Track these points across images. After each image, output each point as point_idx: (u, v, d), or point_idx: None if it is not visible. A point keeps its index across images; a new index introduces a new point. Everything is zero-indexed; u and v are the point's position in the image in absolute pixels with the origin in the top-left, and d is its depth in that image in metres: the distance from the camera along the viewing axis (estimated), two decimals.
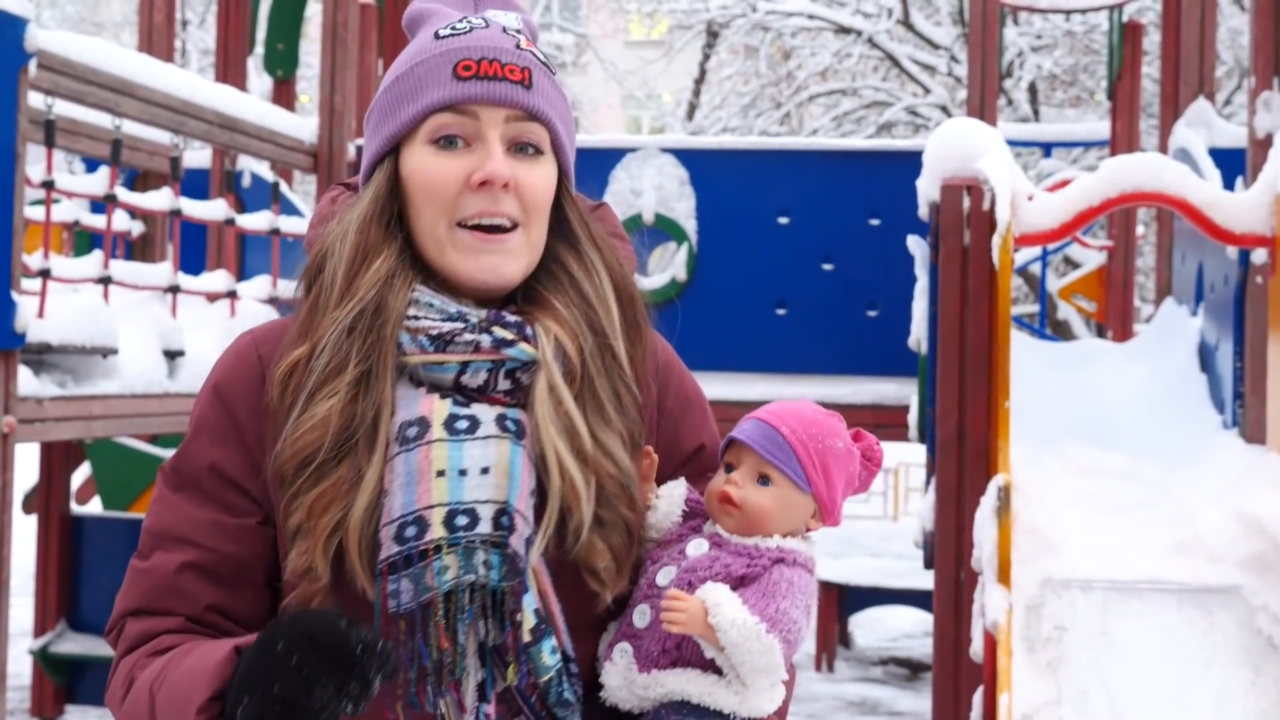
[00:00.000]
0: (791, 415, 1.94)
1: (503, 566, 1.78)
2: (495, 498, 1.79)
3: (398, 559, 1.77)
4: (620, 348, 1.92)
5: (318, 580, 1.79)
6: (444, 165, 1.87)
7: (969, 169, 5.39)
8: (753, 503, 1.90)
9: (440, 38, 1.91)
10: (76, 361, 5.78)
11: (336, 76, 7.77)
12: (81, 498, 9.97)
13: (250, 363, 1.93)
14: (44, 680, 8.38)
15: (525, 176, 1.88)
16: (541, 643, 1.80)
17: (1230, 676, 4.45)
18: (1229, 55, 18.28)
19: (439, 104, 1.87)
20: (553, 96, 1.92)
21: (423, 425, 1.81)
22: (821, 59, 20.54)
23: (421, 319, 1.86)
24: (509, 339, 1.85)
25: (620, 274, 1.97)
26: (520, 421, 1.84)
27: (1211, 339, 6.25)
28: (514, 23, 1.95)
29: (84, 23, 28.11)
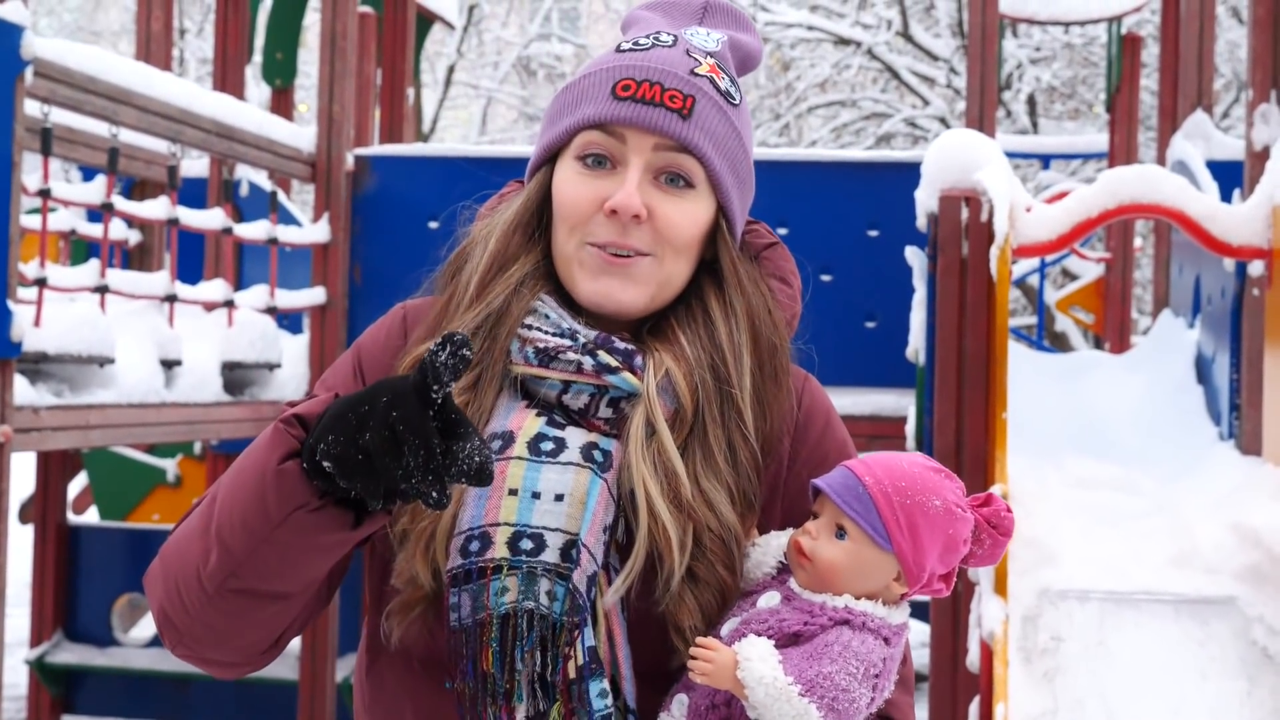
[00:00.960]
0: (881, 466, 1.77)
1: (566, 599, 1.71)
2: (566, 527, 1.73)
3: (460, 572, 1.73)
4: (745, 399, 1.82)
5: (420, 589, 1.76)
6: (584, 185, 1.82)
7: (967, 180, 5.39)
8: (824, 556, 1.75)
9: (621, 51, 1.86)
10: (73, 371, 5.77)
11: (335, 85, 7.77)
12: (78, 507, 9.97)
13: (394, 334, 1.92)
14: (40, 690, 8.36)
15: (663, 209, 1.81)
16: (588, 682, 1.72)
17: (1226, 687, 4.44)
18: (1227, 68, 18.30)
19: (589, 121, 1.82)
20: (717, 129, 1.83)
21: (507, 439, 1.76)
22: (821, 70, 20.56)
23: (534, 329, 1.81)
24: (613, 366, 1.79)
25: (765, 321, 1.87)
26: (610, 453, 1.77)
27: (1208, 351, 6.25)
28: (711, 44, 1.88)
29: (81, 31, 28.12)
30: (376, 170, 7.88)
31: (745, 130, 1.89)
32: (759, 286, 1.90)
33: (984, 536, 1.80)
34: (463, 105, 28.53)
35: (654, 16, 1.93)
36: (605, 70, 1.84)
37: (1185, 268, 7.25)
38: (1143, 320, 17.30)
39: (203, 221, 6.89)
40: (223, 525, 1.67)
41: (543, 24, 25.91)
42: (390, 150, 8.24)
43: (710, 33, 1.91)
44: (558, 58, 28.45)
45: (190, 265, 8.08)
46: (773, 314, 1.89)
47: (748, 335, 1.85)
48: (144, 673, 8.15)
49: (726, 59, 1.90)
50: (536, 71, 28.33)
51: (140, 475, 9.64)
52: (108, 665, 8.19)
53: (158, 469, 9.62)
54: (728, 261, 1.88)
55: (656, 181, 1.82)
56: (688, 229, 1.82)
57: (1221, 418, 5.81)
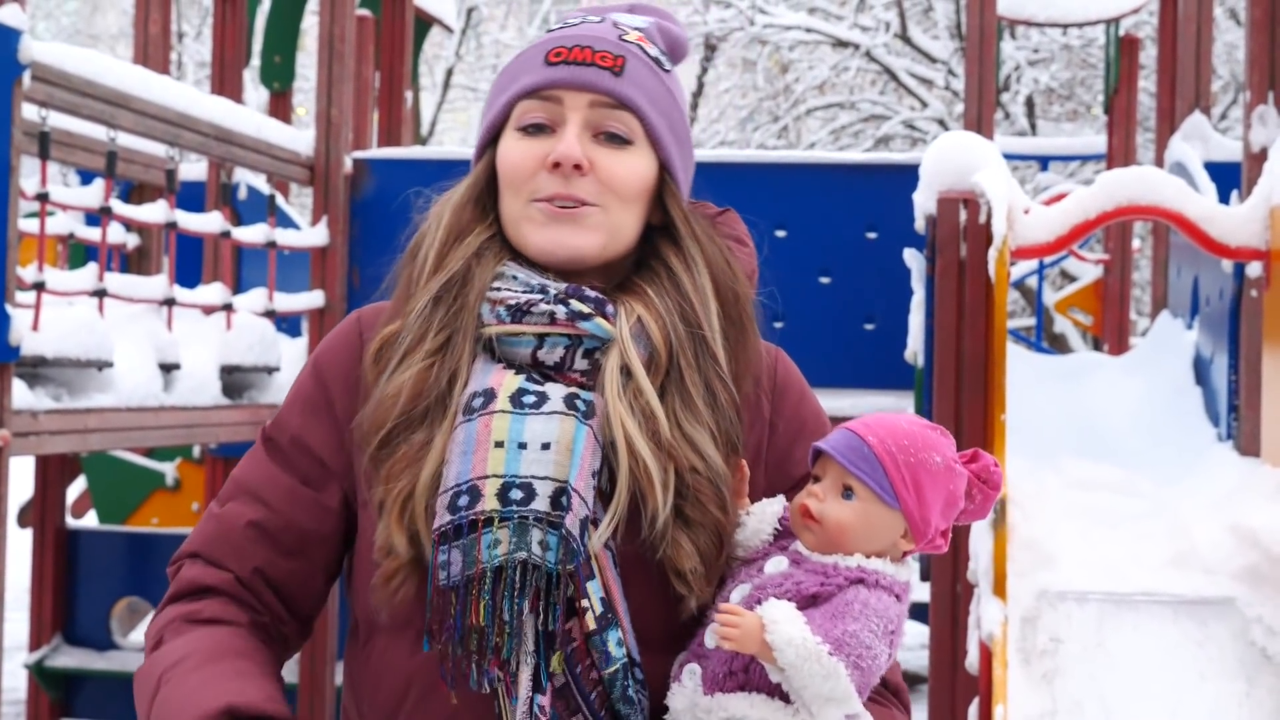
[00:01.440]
0: (882, 426, 1.80)
1: (559, 549, 1.71)
2: (555, 475, 1.73)
3: (449, 528, 1.72)
4: (717, 342, 1.85)
5: (398, 557, 1.76)
6: (525, 148, 1.85)
7: (966, 182, 5.39)
8: (833, 517, 1.76)
9: (550, 32, 1.92)
10: (72, 374, 5.77)
11: (333, 89, 7.77)
12: (77, 511, 9.97)
13: (351, 339, 1.94)
14: (39, 694, 8.36)
15: (604, 161, 1.84)
16: (607, 633, 1.72)
17: (1225, 688, 4.44)
18: (1225, 69, 18.30)
19: (524, 90, 1.86)
20: (650, 86, 1.87)
21: (488, 395, 1.78)
22: (819, 72, 20.56)
23: (503, 290, 1.84)
24: (585, 313, 1.81)
25: (724, 270, 1.90)
26: (592, 403, 1.78)
27: (1207, 352, 6.25)
28: (638, 22, 1.94)
29: (79, 34, 28.13)
30: (375, 173, 7.88)
31: (679, 95, 1.93)
32: (714, 239, 1.93)
33: (974, 492, 1.83)
34: (461, 108, 28.53)
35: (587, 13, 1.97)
36: (536, 47, 1.89)
37: (1183, 269, 7.25)
38: (1141, 322, 17.30)
39: (201, 225, 6.89)
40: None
41: (541, 27, 25.90)
42: (388, 153, 8.25)
43: (637, 16, 1.96)
44: None
45: (188, 269, 8.08)
46: (731, 264, 1.91)
47: (709, 281, 1.88)
48: None
49: (655, 36, 1.94)
50: None
51: (139, 479, 9.63)
52: (107, 669, 8.19)
53: (156, 473, 9.61)
54: (679, 215, 1.90)
55: (596, 139, 1.85)
56: (630, 179, 1.85)
57: (1220, 419, 5.81)
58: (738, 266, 1.92)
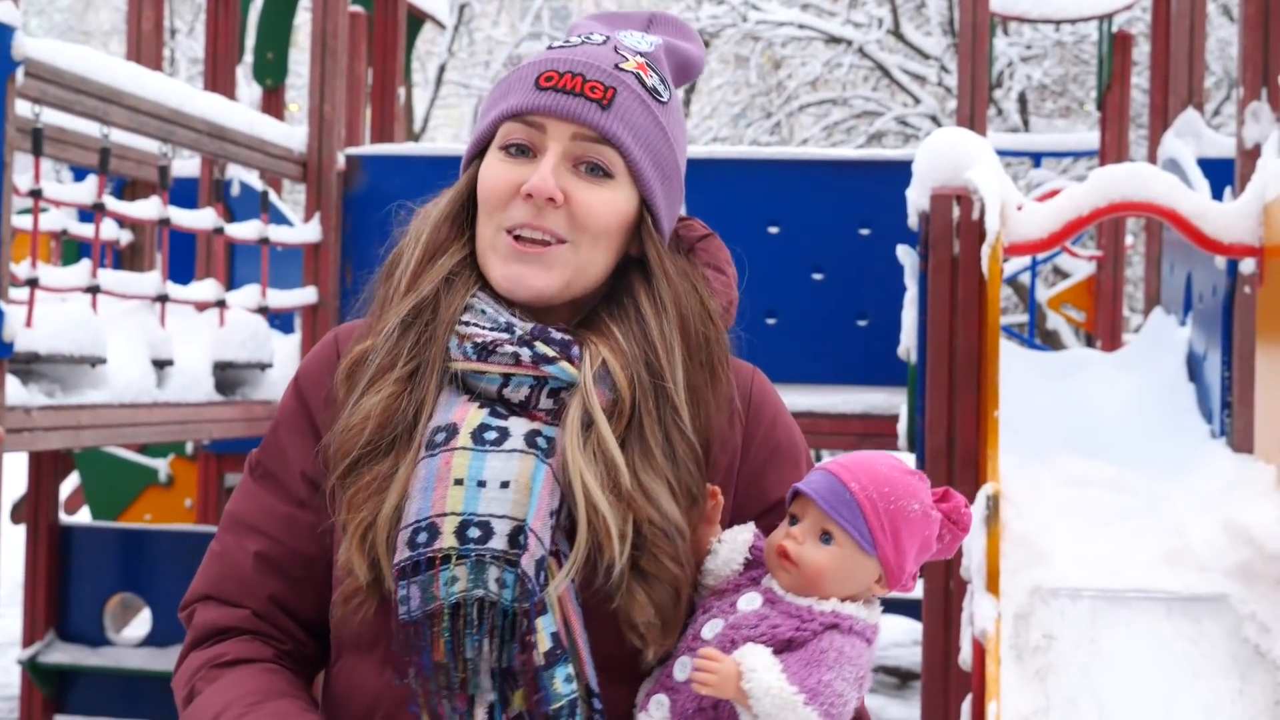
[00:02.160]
0: (864, 470, 1.79)
1: (515, 586, 1.73)
2: (512, 514, 1.74)
3: (408, 564, 1.74)
4: (679, 395, 1.83)
5: (356, 580, 1.78)
6: (503, 172, 1.84)
7: (959, 179, 5.39)
8: (810, 561, 1.77)
9: (550, 49, 1.89)
10: (65, 371, 5.76)
11: (326, 85, 7.76)
12: (70, 507, 9.96)
13: (329, 357, 1.95)
14: (33, 690, 8.35)
15: (580, 195, 1.82)
16: (555, 668, 1.73)
17: (1218, 685, 4.45)
18: (1218, 66, 18.32)
19: (510, 112, 1.84)
20: (638, 121, 1.84)
21: (451, 431, 1.78)
22: (812, 69, 20.56)
23: (471, 325, 1.83)
24: (550, 356, 1.80)
25: (696, 313, 1.88)
26: (553, 440, 1.79)
27: (1200, 349, 6.26)
28: (645, 45, 1.91)
29: (71, 31, 28.08)
30: (368, 170, 7.88)
31: (673, 128, 1.89)
32: (689, 279, 1.90)
33: (944, 532, 1.85)
34: (454, 104, 28.50)
35: (596, 25, 1.95)
36: (531, 65, 1.87)
37: (1177, 266, 7.26)
38: (1134, 318, 17.32)
39: (194, 221, 6.88)
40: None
41: (534, 23, 25.89)
42: (381, 150, 8.24)
43: (646, 36, 1.93)
44: None
45: (182, 265, 8.07)
46: (705, 304, 1.90)
47: (677, 328, 1.86)
48: (136, 672, 8.14)
49: (660, 60, 1.91)
50: None
51: (132, 475, 9.63)
52: (100, 665, 8.18)
53: (150, 469, 9.61)
54: (654, 255, 1.88)
55: (576, 170, 1.83)
56: (604, 215, 1.83)
57: (1213, 415, 5.82)
58: (712, 305, 1.90)
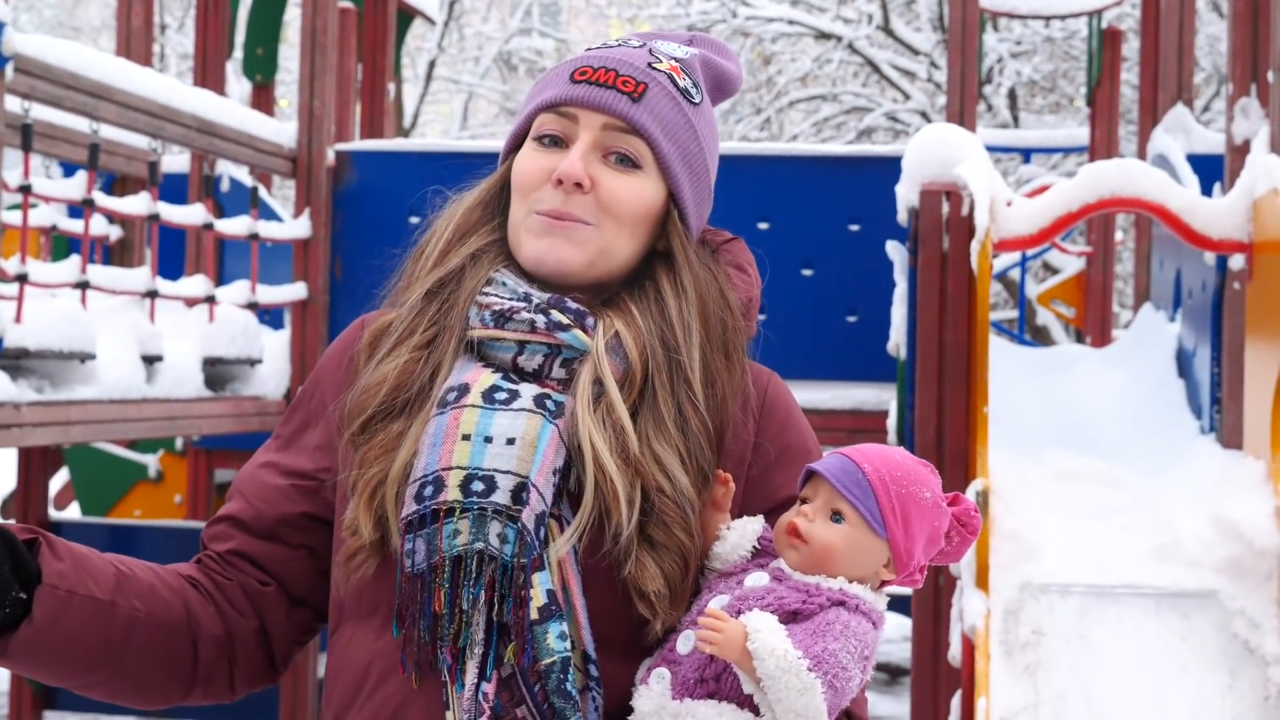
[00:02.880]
0: (877, 456, 1.82)
1: (515, 541, 1.75)
2: (517, 470, 1.77)
3: (414, 517, 1.77)
4: (695, 370, 1.86)
5: (361, 538, 1.81)
6: (536, 160, 1.90)
7: (948, 174, 5.40)
8: (820, 538, 1.78)
9: (589, 49, 1.96)
10: (54, 366, 5.75)
11: (316, 81, 7.75)
12: (60, 503, 9.95)
13: (353, 330, 2.00)
14: (22, 686, 8.34)
15: (606, 181, 1.88)
16: (548, 623, 1.74)
17: (1207, 680, 4.46)
18: (1207, 61, 18.34)
19: (545, 104, 1.91)
20: (668, 116, 1.90)
21: (462, 390, 1.83)
22: (802, 64, 20.56)
23: (490, 295, 1.88)
24: (564, 323, 1.85)
25: (715, 300, 1.92)
26: (562, 404, 1.83)
27: (1189, 345, 6.27)
28: (679, 52, 1.96)
29: (61, 26, 28.02)
30: (357, 165, 7.87)
31: (704, 128, 1.95)
32: (712, 270, 1.95)
33: (953, 534, 1.86)
34: (444, 100, 28.48)
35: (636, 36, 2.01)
36: (569, 62, 1.93)
37: (1166, 261, 7.27)
38: (1124, 314, 17.35)
39: (184, 217, 6.87)
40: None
41: (523, 19, 25.88)
42: (371, 145, 8.23)
43: (683, 47, 1.98)
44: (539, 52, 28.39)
45: (171, 261, 8.06)
46: (725, 294, 1.94)
47: (697, 311, 1.90)
48: None
49: (694, 68, 1.96)
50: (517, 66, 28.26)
51: (122, 471, 9.62)
52: None
53: (139, 465, 9.60)
54: (679, 244, 1.93)
55: (605, 159, 1.89)
56: (630, 202, 1.88)
57: (1203, 411, 5.83)
58: (732, 297, 1.94)
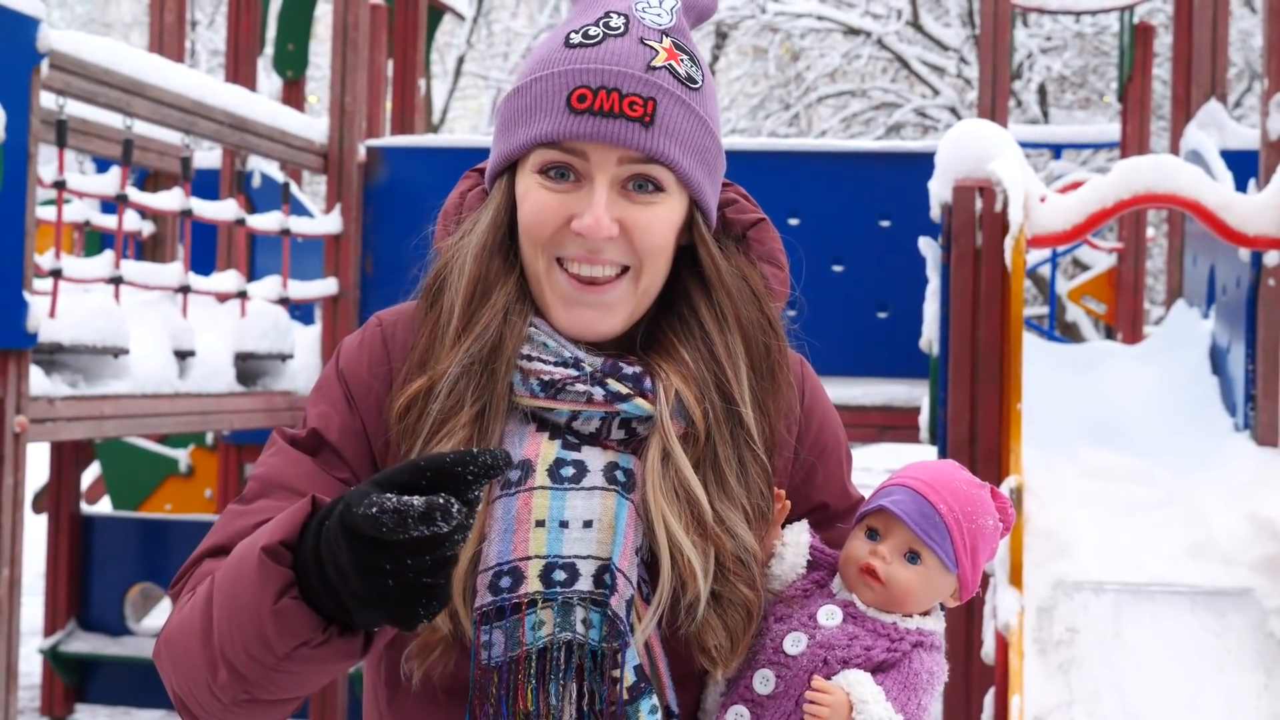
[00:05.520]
0: (948, 490, 1.80)
1: (603, 626, 1.68)
2: (597, 554, 1.69)
3: (490, 609, 1.68)
4: (749, 414, 1.78)
5: (437, 631, 1.70)
6: (547, 201, 1.73)
7: (981, 170, 5.38)
8: (899, 581, 1.77)
9: (570, 46, 1.75)
10: (88, 361, 5.78)
11: (347, 77, 7.77)
12: (91, 497, 9.99)
13: (376, 351, 1.85)
14: (54, 679, 8.39)
15: (636, 219, 1.73)
16: (639, 702, 1.69)
17: (1242, 679, 4.44)
18: (1239, 57, 18.25)
19: (545, 138, 1.72)
20: (682, 127, 1.74)
21: (526, 469, 1.71)
22: (830, 60, 20.54)
23: (535, 360, 1.75)
24: (624, 393, 1.73)
25: (754, 324, 1.82)
26: (631, 472, 1.73)
27: (1223, 341, 6.24)
28: (666, 18, 1.77)
29: (93, 23, 28.15)
30: (388, 161, 7.89)
31: (710, 110, 1.80)
32: (746, 282, 1.84)
33: None
34: (472, 96, 28.50)
35: None
36: (558, 75, 1.74)
37: (1199, 258, 7.24)
38: (1155, 310, 17.27)
39: (216, 213, 6.90)
40: (226, 646, 1.59)
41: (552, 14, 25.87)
42: (401, 141, 8.25)
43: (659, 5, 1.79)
44: None
45: (203, 256, 8.09)
46: (765, 311, 1.84)
47: (740, 341, 1.81)
48: None
49: (683, 30, 1.80)
50: None
51: (153, 465, 9.65)
52: (120, 654, 8.22)
53: (170, 459, 9.63)
54: (708, 261, 1.81)
55: (625, 191, 1.74)
56: (662, 233, 1.76)
57: (1237, 408, 5.80)
58: (771, 312, 1.85)
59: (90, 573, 8.40)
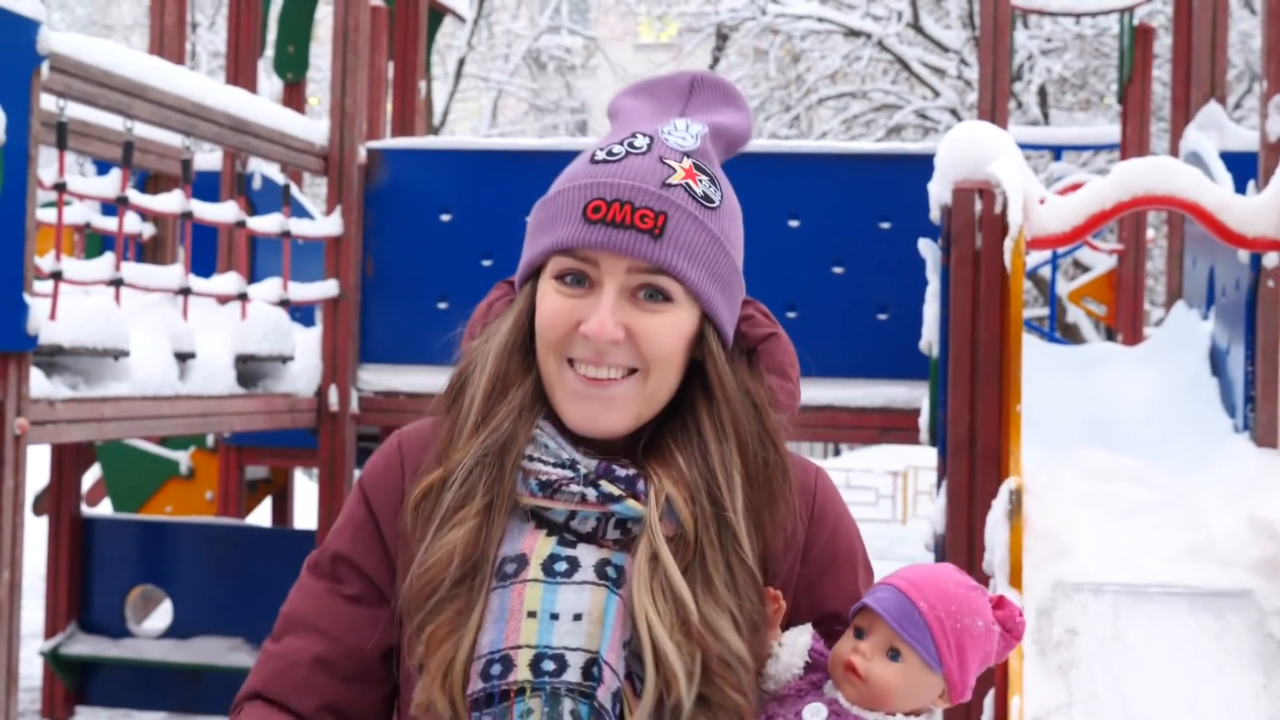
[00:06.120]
0: (932, 589, 1.83)
1: (591, 717, 1.75)
2: (586, 646, 1.76)
3: (481, 696, 1.76)
4: (739, 524, 1.83)
5: (439, 717, 1.78)
6: (560, 305, 1.81)
7: (981, 172, 5.39)
8: (878, 677, 1.81)
9: (595, 162, 1.84)
10: (88, 363, 5.78)
11: (347, 79, 7.78)
12: (92, 499, 9.99)
13: (393, 462, 1.94)
14: (54, 681, 8.39)
15: (644, 326, 1.80)
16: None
17: (1242, 680, 4.44)
18: (1239, 58, 18.26)
19: (560, 246, 1.81)
20: (692, 241, 1.81)
21: (520, 562, 1.79)
22: (831, 62, 20.54)
23: (535, 460, 1.83)
24: (616, 494, 1.81)
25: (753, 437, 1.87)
26: (622, 569, 1.80)
27: (1223, 343, 6.24)
28: (690, 141, 1.86)
29: (93, 25, 28.17)
30: (389, 163, 7.89)
31: (728, 229, 1.88)
32: (750, 396, 1.89)
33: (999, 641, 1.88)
34: (473, 98, 28.54)
35: (638, 105, 1.92)
36: (578, 189, 1.82)
37: (1199, 259, 7.24)
38: (1155, 312, 17.27)
39: (216, 215, 6.91)
40: None
41: (553, 16, 25.90)
42: (402, 143, 8.25)
43: (690, 125, 1.89)
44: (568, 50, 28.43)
45: (204, 258, 8.10)
46: (764, 424, 1.89)
47: (738, 454, 1.85)
48: (157, 664, 8.18)
49: (707, 154, 1.88)
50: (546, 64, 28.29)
51: (153, 467, 9.66)
52: (121, 656, 8.22)
53: (171, 461, 9.64)
54: (714, 375, 1.87)
55: (635, 298, 1.81)
56: (668, 341, 1.82)
57: (1236, 410, 5.80)
58: (771, 425, 1.90)
59: (91, 575, 8.40)
